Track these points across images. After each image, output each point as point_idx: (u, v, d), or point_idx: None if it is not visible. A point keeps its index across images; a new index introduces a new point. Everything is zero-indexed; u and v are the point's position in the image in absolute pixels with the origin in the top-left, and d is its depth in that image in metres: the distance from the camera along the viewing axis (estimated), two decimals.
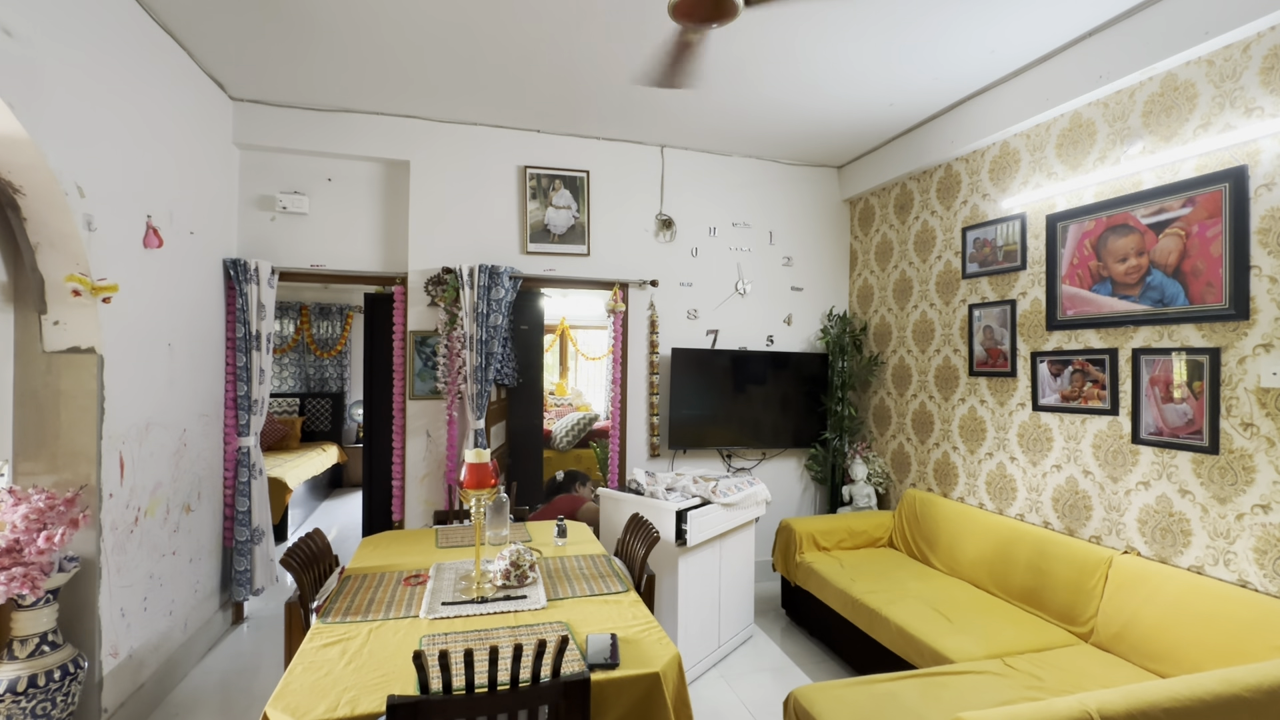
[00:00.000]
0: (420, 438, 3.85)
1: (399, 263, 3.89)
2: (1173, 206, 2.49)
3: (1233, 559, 2.31)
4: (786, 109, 3.63)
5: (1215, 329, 2.37)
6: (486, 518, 2.58)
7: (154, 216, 2.76)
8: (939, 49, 2.93)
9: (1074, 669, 2.31)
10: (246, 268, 3.49)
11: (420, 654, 1.41)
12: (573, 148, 4.10)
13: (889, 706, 2.04)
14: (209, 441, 3.37)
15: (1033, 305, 3.15)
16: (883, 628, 2.78)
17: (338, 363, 7.84)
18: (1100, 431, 2.80)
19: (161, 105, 2.82)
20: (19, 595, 2.08)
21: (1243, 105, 2.29)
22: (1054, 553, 2.81)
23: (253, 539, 3.56)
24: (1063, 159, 3.01)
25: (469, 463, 2.17)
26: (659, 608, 3.02)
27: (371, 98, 3.56)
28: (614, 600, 2.14)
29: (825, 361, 4.52)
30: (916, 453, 4.01)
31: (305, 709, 1.47)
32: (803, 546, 3.64)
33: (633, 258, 4.22)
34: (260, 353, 3.53)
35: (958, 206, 3.67)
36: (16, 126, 1.95)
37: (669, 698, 1.68)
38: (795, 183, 4.59)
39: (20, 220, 2.19)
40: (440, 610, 2.02)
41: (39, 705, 2.09)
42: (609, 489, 3.39)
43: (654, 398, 4.23)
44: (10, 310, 2.30)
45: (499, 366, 3.84)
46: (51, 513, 2.12)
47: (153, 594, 2.77)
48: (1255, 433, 2.24)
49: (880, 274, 4.38)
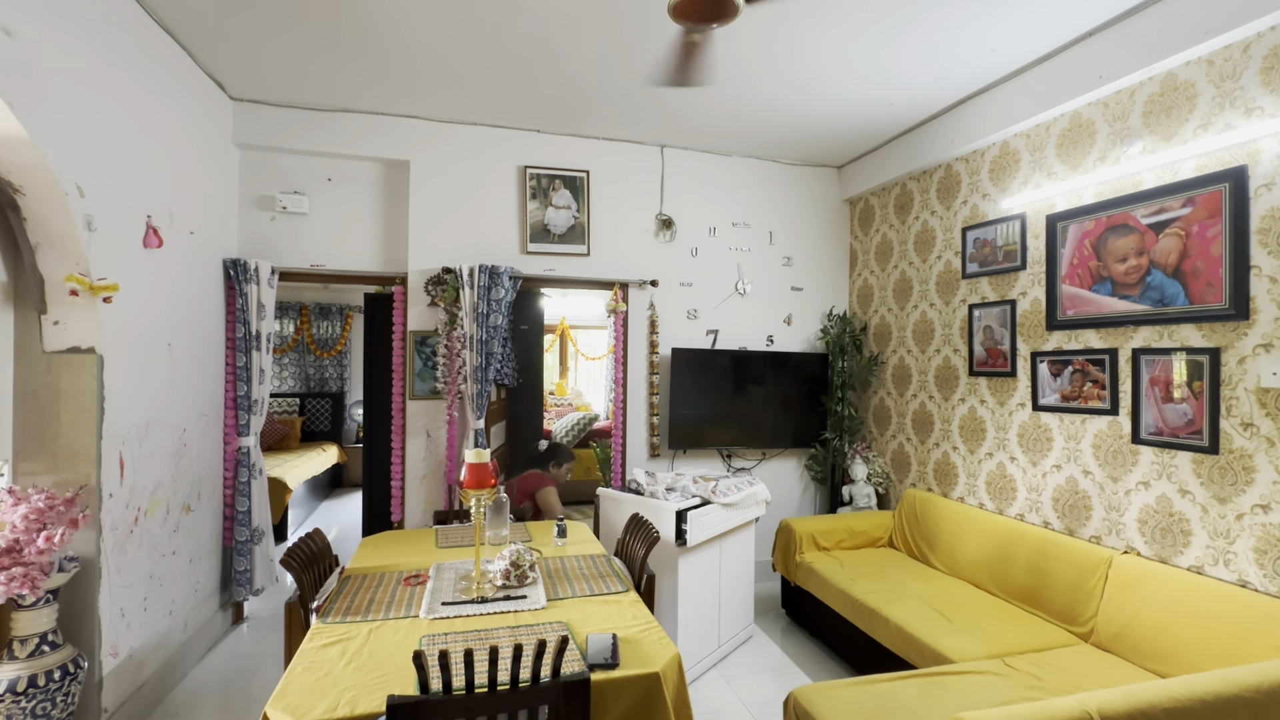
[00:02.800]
0: (420, 438, 3.84)
1: (399, 263, 3.89)
2: (1173, 206, 2.49)
3: (1233, 559, 2.31)
4: (786, 109, 3.63)
5: (1215, 329, 2.37)
6: (486, 518, 2.58)
7: (154, 216, 2.76)
8: (939, 49, 2.93)
9: (1074, 669, 2.31)
10: (246, 268, 3.49)
11: (420, 654, 1.41)
12: (573, 148, 4.10)
13: (889, 706, 2.04)
14: (209, 441, 3.37)
15: (1033, 305, 3.14)
16: (883, 628, 2.78)
17: (338, 363, 7.84)
18: (1100, 431, 2.80)
19: (161, 105, 2.82)
20: (19, 595, 2.08)
21: (1243, 105, 2.29)
22: (1054, 553, 2.81)
23: (253, 539, 3.56)
24: (1063, 159, 3.01)
25: (469, 463, 2.17)
26: (659, 608, 3.02)
27: (371, 98, 3.56)
28: (614, 600, 2.14)
29: (825, 361, 4.52)
30: (916, 453, 4.01)
31: (305, 709, 1.47)
32: (803, 546, 3.64)
33: (633, 258, 4.22)
34: (260, 353, 3.53)
35: (958, 206, 3.67)
36: (16, 126, 1.95)
37: (669, 698, 1.68)
38: (795, 183, 4.59)
39: (20, 220, 2.19)
40: (440, 610, 2.02)
41: (39, 705, 2.09)
42: (609, 489, 3.39)
43: (654, 398, 4.23)
44: (10, 310, 2.30)
45: (499, 366, 3.84)
46: (51, 513, 2.12)
47: (153, 594, 2.77)
48: (1255, 433, 2.24)
49: (880, 274, 4.38)
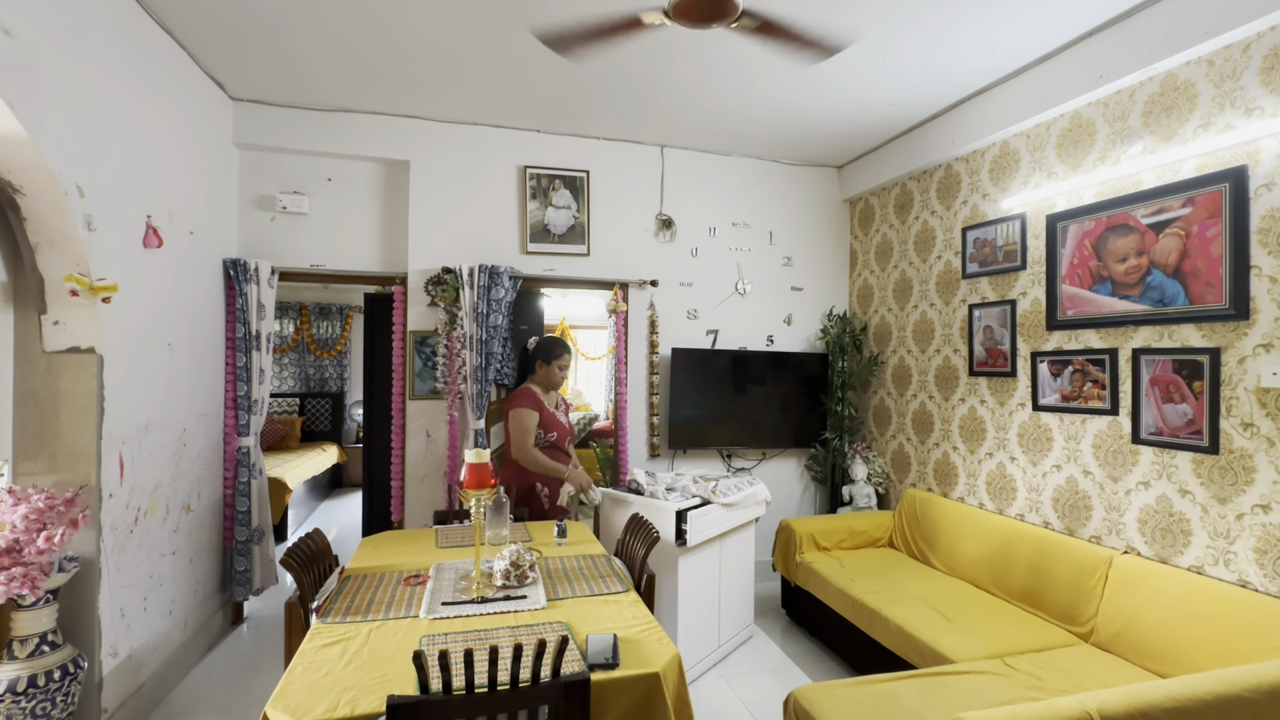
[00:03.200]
0: (420, 438, 3.84)
1: (399, 263, 3.89)
2: (1173, 206, 2.49)
3: (1233, 559, 2.31)
4: (786, 109, 3.63)
5: (1215, 329, 2.37)
6: (486, 518, 2.58)
7: (154, 216, 2.76)
8: (939, 49, 2.93)
9: (1074, 669, 2.31)
10: (246, 268, 3.48)
11: (420, 654, 1.41)
12: (573, 148, 4.09)
13: (889, 706, 2.04)
14: (209, 441, 3.37)
15: (1033, 305, 3.14)
16: (883, 628, 2.78)
17: (338, 363, 7.84)
18: (1100, 431, 2.80)
19: (161, 105, 2.82)
20: (19, 595, 2.08)
21: (1243, 105, 2.29)
22: (1054, 553, 2.81)
23: (253, 539, 3.56)
24: (1063, 159, 3.01)
25: (469, 463, 2.17)
26: (659, 608, 3.01)
27: (371, 98, 3.55)
28: (614, 600, 2.14)
29: (825, 361, 4.52)
30: (916, 453, 4.01)
31: (305, 709, 1.47)
32: (803, 546, 3.64)
33: (633, 258, 4.22)
34: (260, 353, 3.53)
35: (958, 206, 3.67)
36: (16, 126, 1.94)
37: (669, 698, 1.68)
38: (795, 183, 4.59)
39: (20, 220, 2.18)
40: (440, 610, 2.02)
41: (39, 705, 2.09)
42: (609, 489, 3.39)
43: (654, 398, 4.23)
44: (10, 310, 2.30)
45: (499, 366, 3.84)
46: (51, 513, 2.12)
47: (152, 594, 2.77)
48: (1255, 433, 2.24)
49: (880, 274, 4.38)
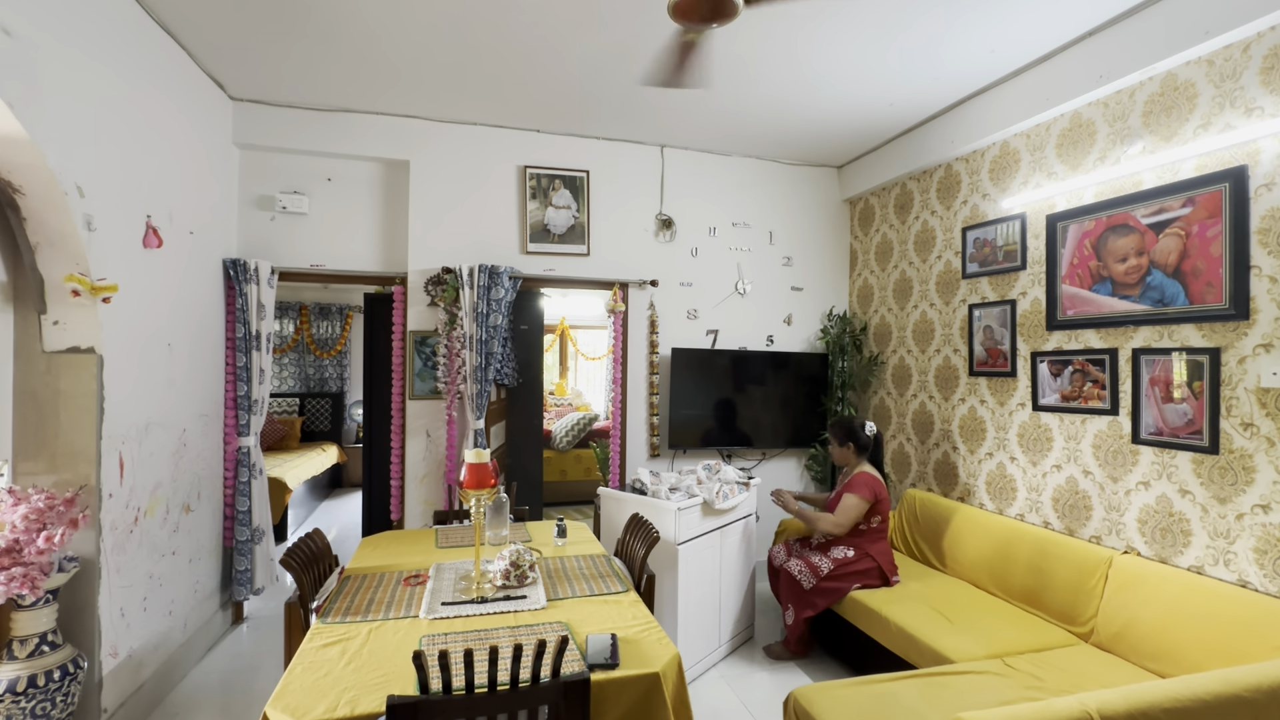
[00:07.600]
0: (420, 438, 3.84)
1: (399, 263, 3.89)
2: (1173, 206, 2.49)
3: (1233, 559, 2.31)
4: (786, 109, 3.63)
5: (1215, 329, 2.37)
6: (486, 518, 2.58)
7: (154, 216, 2.76)
8: (939, 49, 2.93)
9: (1074, 669, 2.31)
10: (246, 268, 3.48)
11: (420, 654, 1.41)
12: (573, 148, 4.09)
13: (889, 706, 2.04)
14: (209, 441, 3.37)
15: (1033, 305, 3.14)
16: (882, 627, 2.78)
17: (337, 363, 7.84)
18: (1100, 431, 2.80)
19: (161, 105, 2.82)
20: (18, 595, 2.08)
21: (1243, 105, 2.29)
22: (1054, 553, 2.81)
23: (253, 539, 3.56)
24: (1063, 159, 3.01)
25: (469, 463, 2.17)
26: (659, 608, 3.01)
27: (371, 98, 3.55)
28: (614, 600, 2.14)
29: (825, 361, 4.52)
30: (916, 453, 4.01)
31: (305, 709, 1.47)
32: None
33: (633, 258, 4.22)
34: (260, 353, 3.53)
35: (958, 206, 3.67)
36: (16, 126, 1.94)
37: (669, 698, 1.68)
38: (795, 183, 4.59)
39: (20, 220, 2.18)
40: (440, 610, 2.02)
41: (39, 705, 2.09)
42: (610, 489, 3.39)
43: (654, 398, 4.23)
44: (10, 310, 2.30)
45: (499, 366, 3.84)
46: (51, 513, 2.12)
47: (152, 594, 2.77)
48: (1255, 433, 2.24)
49: (880, 274, 4.38)
